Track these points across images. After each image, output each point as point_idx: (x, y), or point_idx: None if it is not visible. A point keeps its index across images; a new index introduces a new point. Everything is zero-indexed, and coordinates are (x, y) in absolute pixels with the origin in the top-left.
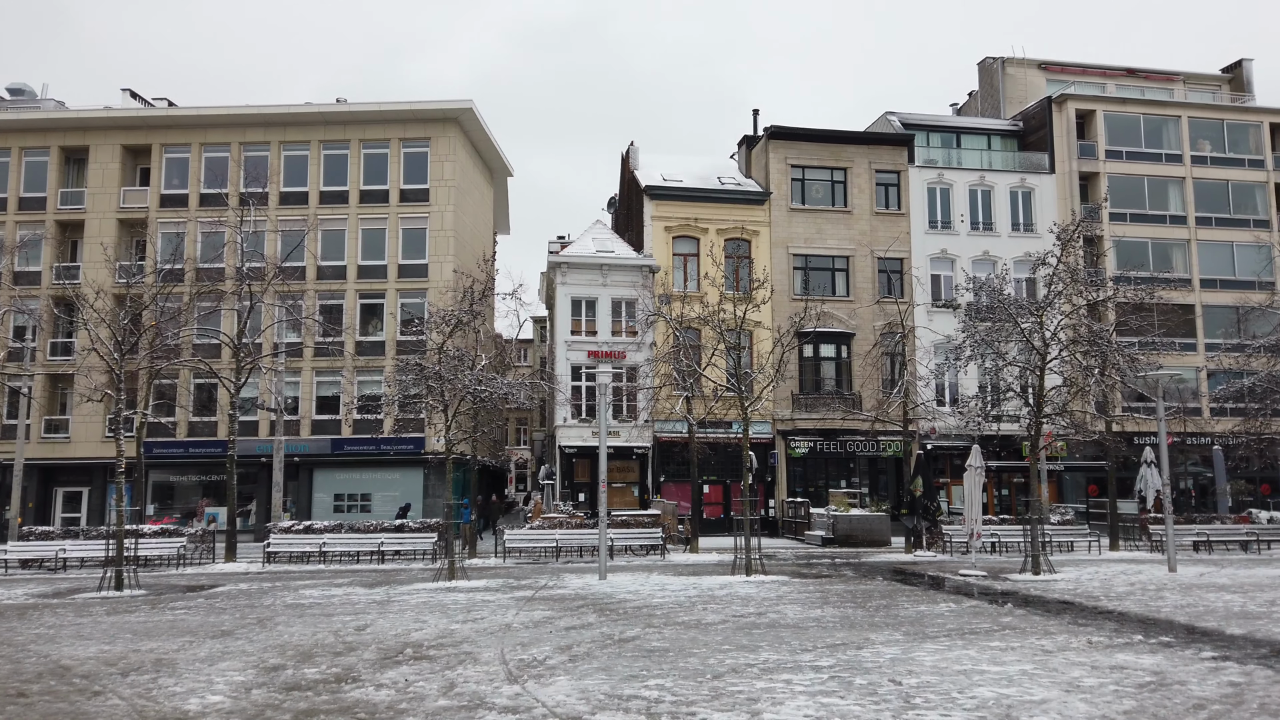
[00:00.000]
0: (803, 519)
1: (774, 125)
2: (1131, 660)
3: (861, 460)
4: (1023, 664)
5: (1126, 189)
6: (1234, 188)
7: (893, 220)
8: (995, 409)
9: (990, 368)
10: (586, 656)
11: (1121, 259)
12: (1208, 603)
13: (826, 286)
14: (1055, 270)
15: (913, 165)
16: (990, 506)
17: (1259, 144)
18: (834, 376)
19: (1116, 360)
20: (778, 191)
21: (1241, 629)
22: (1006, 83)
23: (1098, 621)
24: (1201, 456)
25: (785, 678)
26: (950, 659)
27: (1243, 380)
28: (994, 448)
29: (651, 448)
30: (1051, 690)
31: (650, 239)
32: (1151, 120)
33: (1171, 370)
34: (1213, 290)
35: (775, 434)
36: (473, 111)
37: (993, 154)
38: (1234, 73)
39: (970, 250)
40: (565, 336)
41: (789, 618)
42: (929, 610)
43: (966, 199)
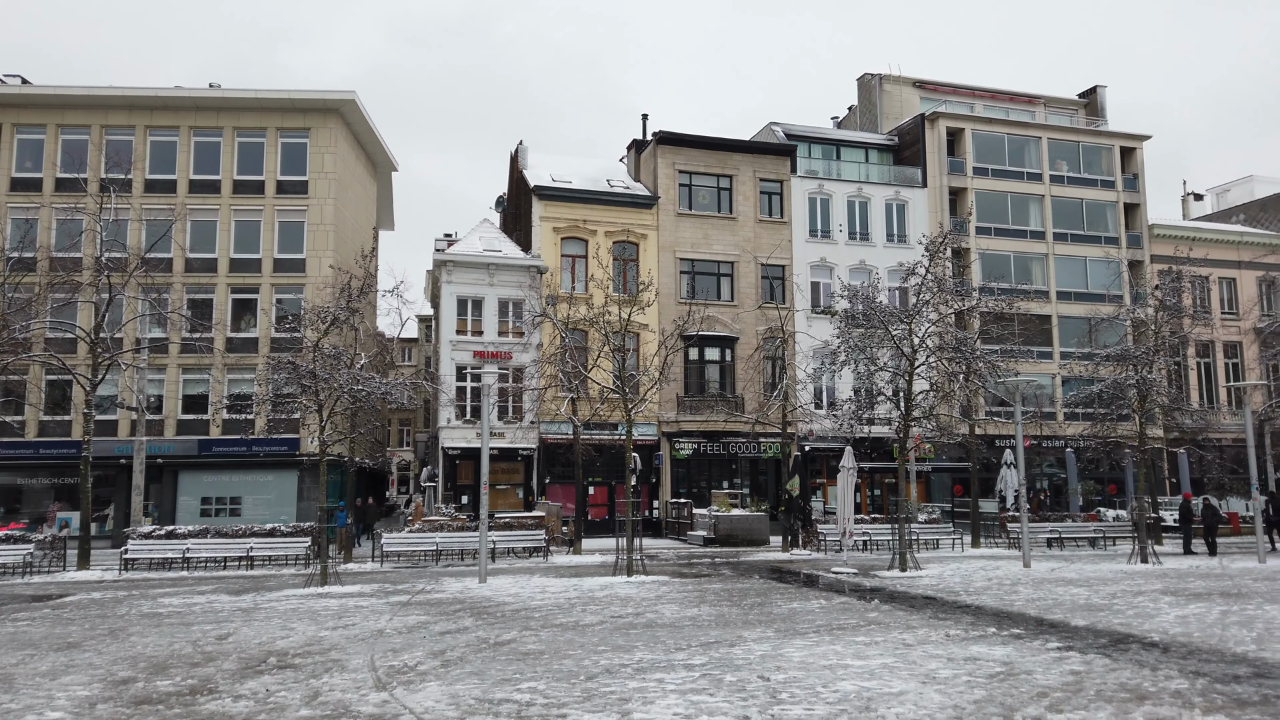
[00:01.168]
0: (686, 519)
1: (662, 131)
2: (984, 652)
3: (743, 461)
4: (885, 657)
5: (991, 204)
6: (1088, 206)
7: (775, 228)
8: (868, 412)
9: (863, 372)
10: (460, 661)
11: (986, 270)
12: (1056, 596)
13: (712, 291)
14: (924, 280)
15: (795, 175)
16: (863, 506)
17: (1110, 166)
18: (718, 379)
19: (979, 367)
20: (666, 196)
21: (1085, 620)
22: (883, 99)
23: (956, 615)
24: (1056, 458)
25: (658, 677)
26: (818, 654)
27: (1092, 387)
28: (866, 449)
29: (537, 449)
30: (909, 682)
31: (538, 239)
32: (1015, 140)
33: (1029, 377)
34: (1067, 302)
35: (660, 436)
36: (355, 103)
37: (870, 167)
38: (1089, 98)
39: (848, 259)
40: (450, 336)
41: (666, 617)
42: (801, 607)
43: (845, 209)
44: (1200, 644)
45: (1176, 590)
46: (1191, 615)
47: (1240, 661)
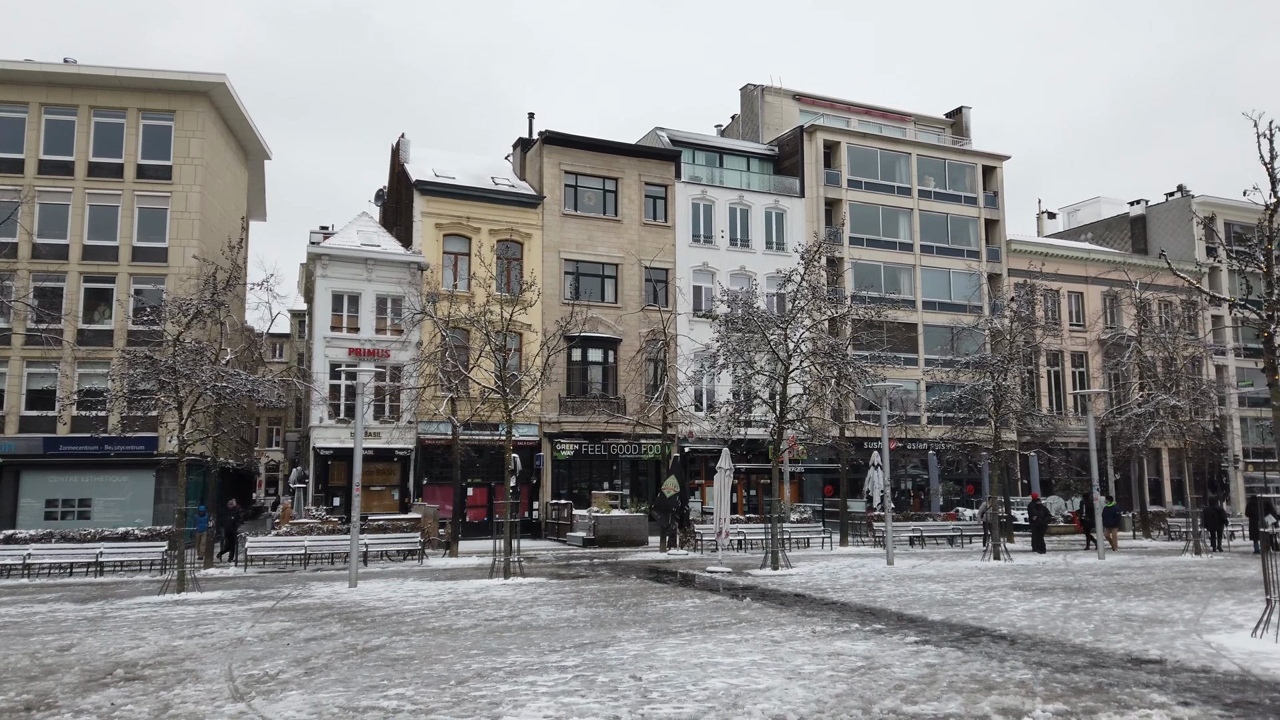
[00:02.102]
0: (566, 521)
1: (549, 131)
2: (848, 647)
3: (624, 462)
4: (753, 655)
5: (864, 216)
6: (952, 220)
7: (660, 231)
8: (745, 414)
9: (741, 376)
10: (325, 669)
11: (858, 279)
12: (916, 592)
13: (596, 292)
14: (800, 287)
15: (679, 180)
16: (739, 506)
17: (974, 183)
18: (600, 381)
19: (850, 372)
20: (551, 196)
21: (941, 615)
22: (765, 110)
23: (823, 612)
24: (920, 460)
25: (530, 680)
26: (689, 653)
27: (953, 392)
28: (743, 451)
29: (414, 450)
30: (776, 678)
31: (420, 235)
32: (887, 155)
33: (896, 382)
34: (932, 311)
35: (541, 436)
36: (226, 86)
37: (751, 175)
38: (956, 118)
39: (729, 264)
40: (325, 332)
41: (542, 619)
42: (675, 606)
43: (727, 216)
44: (1044, 636)
45: (1024, 585)
46: (1037, 609)
47: (1079, 652)
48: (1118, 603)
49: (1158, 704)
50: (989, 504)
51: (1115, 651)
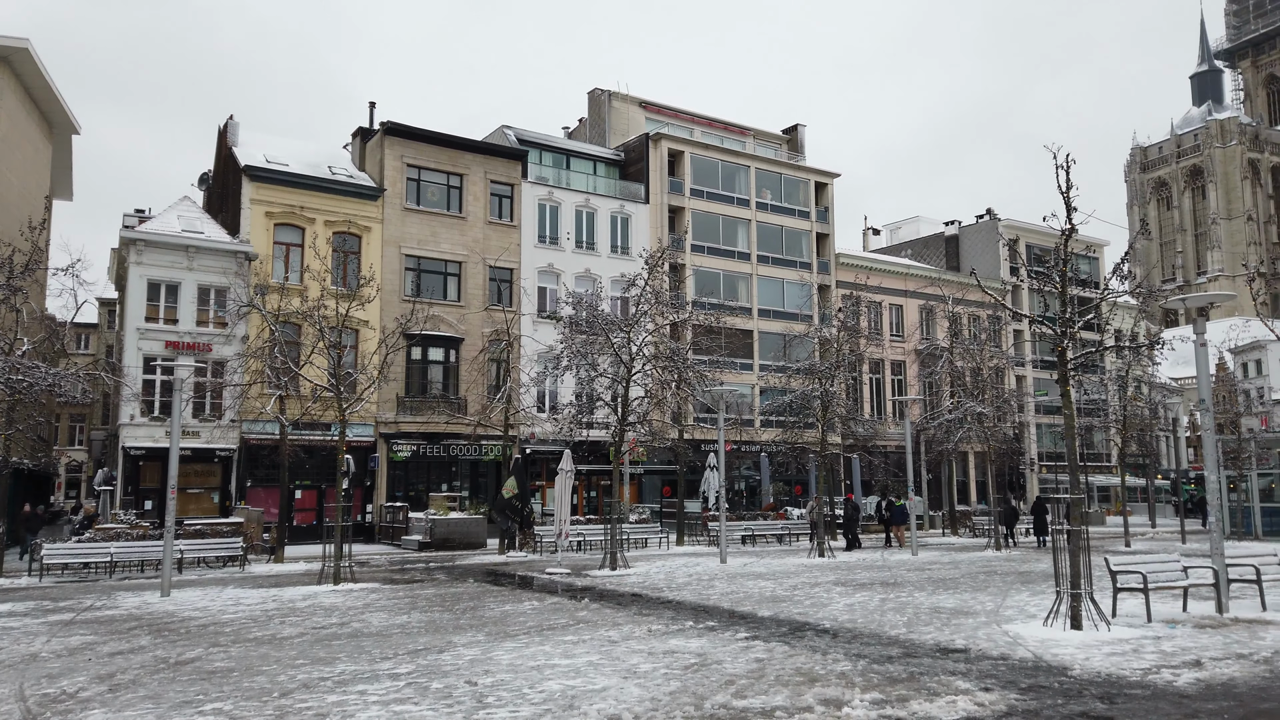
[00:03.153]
0: (401, 524)
1: (391, 122)
2: (682, 645)
3: (464, 464)
4: (590, 655)
5: (705, 225)
6: (786, 233)
7: (505, 231)
8: (587, 416)
9: (585, 378)
10: (132, 685)
11: (698, 286)
12: (747, 589)
13: (438, 290)
14: (643, 292)
15: (526, 180)
16: (579, 507)
17: (807, 198)
18: (441, 380)
19: (689, 376)
20: (392, 189)
21: (770, 611)
22: (612, 115)
23: (659, 611)
24: (753, 461)
25: (360, 689)
26: (526, 656)
27: (785, 397)
28: (585, 452)
29: (238, 450)
30: (612, 678)
31: (248, 223)
32: (728, 166)
33: (732, 386)
34: (767, 319)
35: (378, 437)
36: (28, 52)
37: (598, 179)
38: (791, 135)
39: (574, 266)
40: (139, 323)
41: (373, 626)
42: (513, 609)
43: (573, 218)
44: (863, 629)
45: (846, 581)
46: (857, 603)
47: (894, 643)
48: (928, 596)
49: (962, 690)
50: (814, 503)
51: (926, 642)
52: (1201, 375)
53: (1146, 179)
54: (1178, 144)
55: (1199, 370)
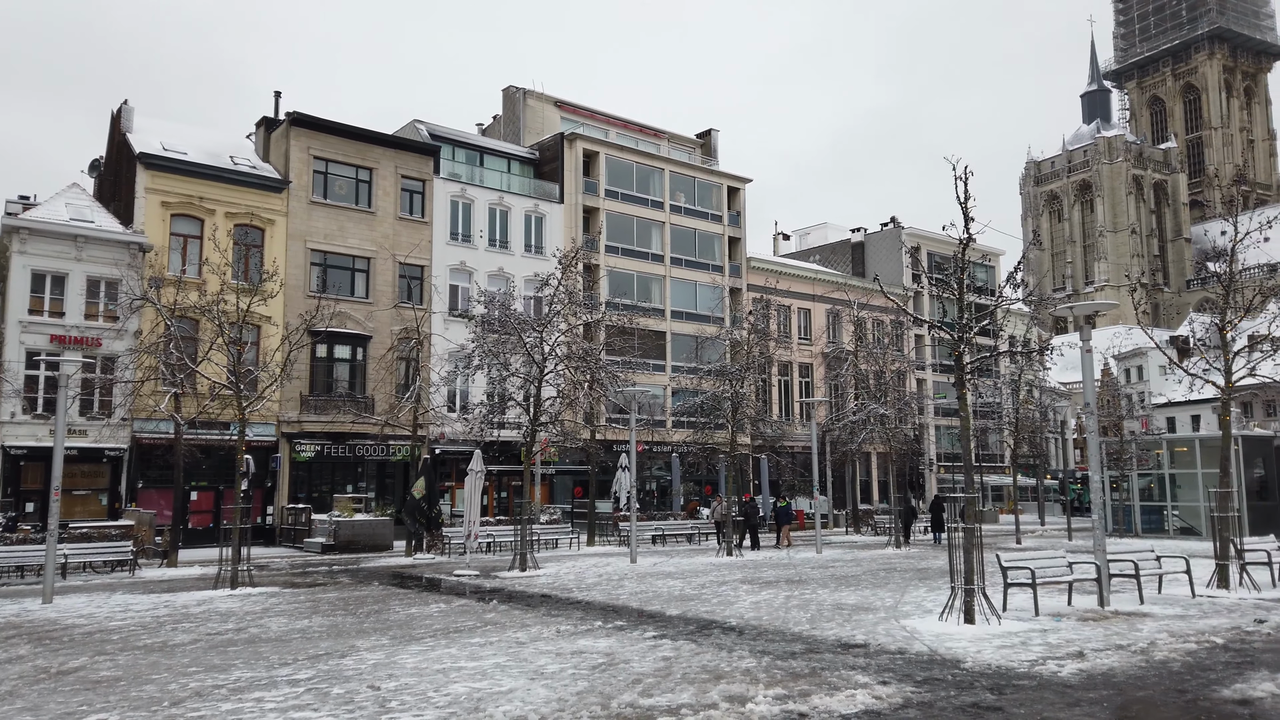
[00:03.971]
0: (304, 526)
1: (297, 112)
2: (590, 645)
3: (371, 464)
4: (498, 657)
5: (620, 226)
6: (699, 236)
7: (416, 227)
8: (499, 416)
9: (496, 377)
10: (9, 696)
11: (612, 287)
12: (656, 589)
13: (345, 286)
14: (556, 291)
15: (438, 176)
16: (490, 508)
17: (720, 202)
18: (347, 379)
19: (602, 376)
20: (298, 182)
21: (678, 610)
22: (527, 113)
23: (568, 611)
24: (664, 462)
25: (257, 696)
26: (432, 659)
27: (696, 398)
28: (496, 453)
29: (129, 450)
30: (519, 680)
31: (143, 213)
32: (642, 169)
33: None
34: (680, 321)
35: (280, 436)
36: None
37: (512, 177)
38: (705, 140)
39: (487, 265)
40: (21, 316)
41: (272, 631)
42: (420, 612)
43: (486, 216)
44: (768, 626)
45: (753, 579)
46: (763, 601)
47: (798, 640)
48: (831, 593)
49: (861, 684)
50: (717, 504)
51: (828, 638)
52: (1087, 380)
53: (1040, 192)
54: (1069, 159)
55: (1084, 375)
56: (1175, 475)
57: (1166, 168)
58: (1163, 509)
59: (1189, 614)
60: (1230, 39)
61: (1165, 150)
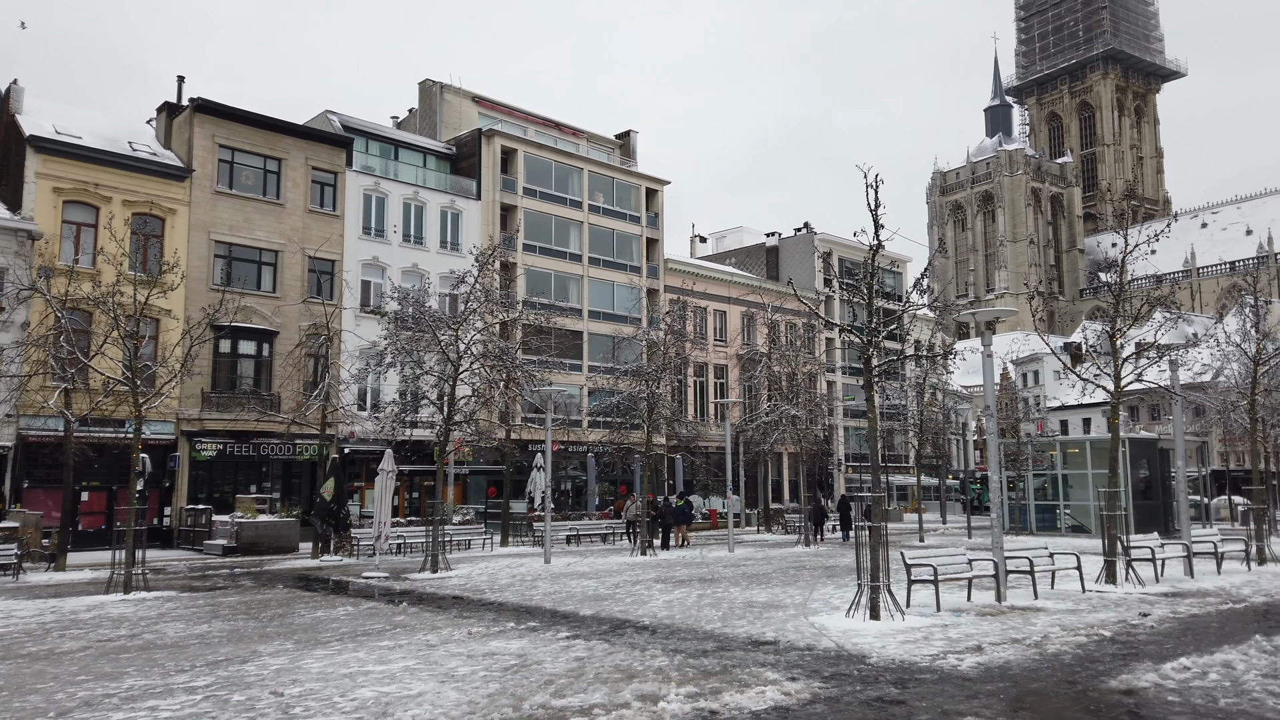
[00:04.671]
0: (204, 527)
1: (202, 98)
2: (502, 646)
3: (276, 464)
4: (407, 660)
5: (538, 225)
6: (617, 236)
7: (327, 221)
8: (411, 415)
9: (410, 375)
10: None
11: (530, 286)
12: (570, 589)
13: (251, 280)
14: (473, 289)
15: (351, 169)
16: (401, 509)
17: (638, 203)
18: (252, 375)
19: (518, 375)
20: (202, 170)
21: (592, 610)
22: (444, 108)
23: (480, 613)
24: (580, 462)
25: (151, 704)
26: (339, 663)
27: (612, 398)
28: (408, 452)
29: (14, 448)
30: (429, 683)
31: (32, 199)
32: (561, 168)
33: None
34: (597, 321)
35: (179, 435)
36: None
37: (428, 172)
38: (625, 140)
39: (401, 261)
40: None
41: (168, 637)
42: (326, 616)
43: (401, 211)
44: (681, 625)
45: (666, 578)
46: (676, 600)
47: (709, 638)
48: (743, 591)
49: (771, 680)
50: (630, 503)
51: (739, 636)
52: (987, 384)
53: (945, 201)
54: (972, 171)
55: (985, 379)
56: (1067, 475)
57: (1063, 181)
58: (1055, 508)
59: (1079, 608)
60: (1123, 60)
61: (1062, 164)
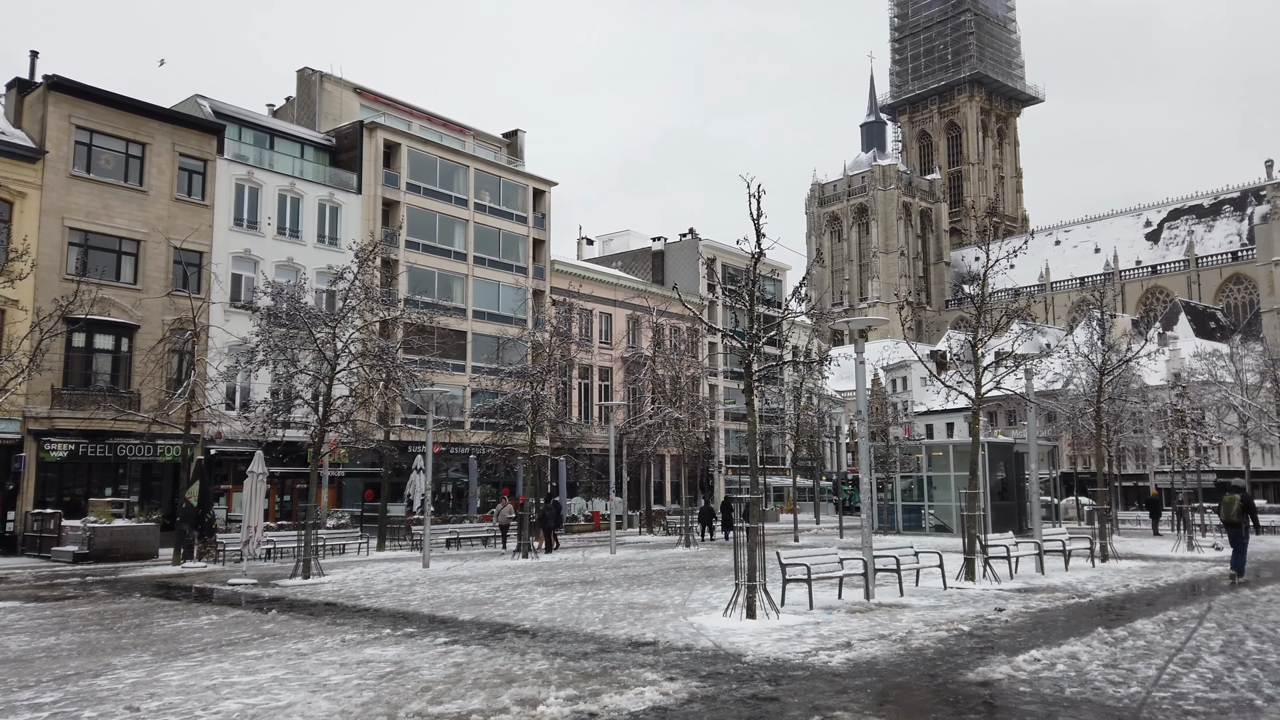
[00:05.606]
0: (53, 533)
1: (57, 76)
2: (378, 653)
3: (135, 466)
4: (276, 670)
5: (422, 221)
6: (503, 236)
7: (195, 210)
8: (284, 415)
9: (283, 374)
10: None
11: (412, 284)
12: (449, 593)
13: (110, 270)
14: (352, 286)
15: (222, 157)
16: (272, 513)
17: (525, 203)
18: (110, 372)
19: (399, 375)
20: (56, 152)
21: (471, 615)
22: (324, 98)
23: (354, 619)
24: (462, 464)
25: None
26: (201, 675)
27: (496, 399)
28: (279, 454)
29: None
30: (299, 693)
31: None
32: (446, 164)
33: (444, 387)
34: (482, 321)
35: (25, 434)
36: None
37: (305, 163)
38: (512, 140)
39: (276, 255)
40: None
41: (11, 650)
42: (188, 625)
43: (276, 202)
44: (561, 627)
45: (548, 581)
46: (557, 603)
47: (590, 640)
48: (624, 593)
49: (650, 681)
50: (500, 506)
51: (619, 637)
52: (859, 390)
53: (823, 213)
54: (848, 184)
55: (857, 385)
56: (932, 477)
57: (931, 197)
58: (921, 508)
59: (941, 604)
60: (988, 84)
61: (931, 181)
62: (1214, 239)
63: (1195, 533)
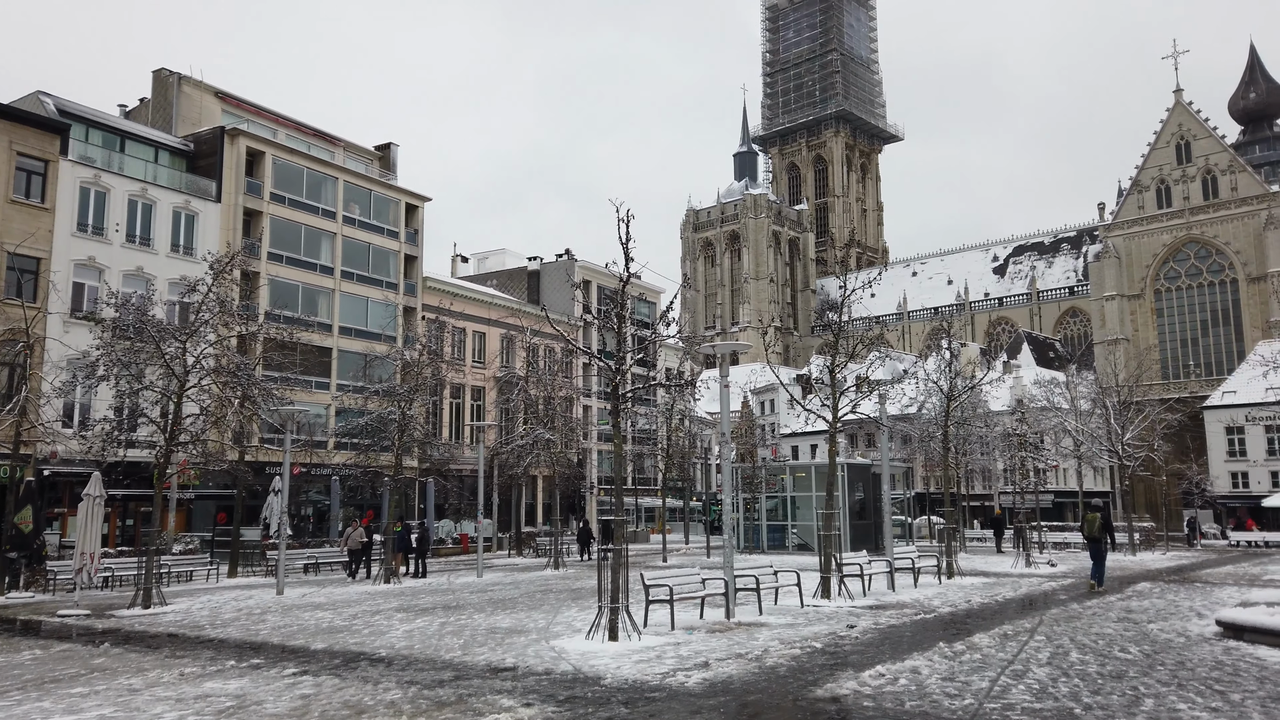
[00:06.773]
0: None
1: None
2: (219, 687)
3: None
4: (104, 708)
5: (286, 233)
6: (374, 250)
7: (33, 213)
8: (127, 434)
9: (126, 390)
10: None
11: (274, 297)
12: (303, 622)
13: None
14: (206, 298)
15: (66, 158)
16: (111, 538)
17: (397, 218)
18: None
19: (255, 393)
20: None
21: (325, 643)
22: (182, 100)
23: (196, 651)
24: (324, 485)
25: None
26: (17, 715)
27: (361, 418)
28: (121, 475)
29: None
30: None
31: None
32: (314, 175)
33: (305, 406)
34: (349, 337)
35: None
36: None
37: (160, 168)
38: (385, 153)
39: (124, 263)
40: None
41: None
42: (7, 661)
43: (126, 208)
44: (419, 655)
45: (409, 607)
46: (417, 629)
47: (448, 667)
48: (487, 617)
49: (506, 707)
50: (351, 530)
51: (479, 663)
52: (724, 412)
53: (698, 238)
54: (722, 211)
55: (722, 407)
56: (796, 498)
57: (799, 226)
58: (785, 528)
59: (797, 622)
60: (852, 121)
61: (799, 211)
62: (1054, 274)
63: (1033, 550)
